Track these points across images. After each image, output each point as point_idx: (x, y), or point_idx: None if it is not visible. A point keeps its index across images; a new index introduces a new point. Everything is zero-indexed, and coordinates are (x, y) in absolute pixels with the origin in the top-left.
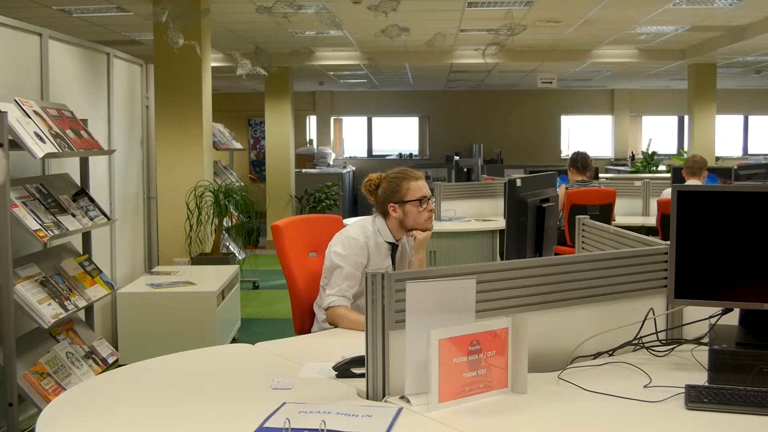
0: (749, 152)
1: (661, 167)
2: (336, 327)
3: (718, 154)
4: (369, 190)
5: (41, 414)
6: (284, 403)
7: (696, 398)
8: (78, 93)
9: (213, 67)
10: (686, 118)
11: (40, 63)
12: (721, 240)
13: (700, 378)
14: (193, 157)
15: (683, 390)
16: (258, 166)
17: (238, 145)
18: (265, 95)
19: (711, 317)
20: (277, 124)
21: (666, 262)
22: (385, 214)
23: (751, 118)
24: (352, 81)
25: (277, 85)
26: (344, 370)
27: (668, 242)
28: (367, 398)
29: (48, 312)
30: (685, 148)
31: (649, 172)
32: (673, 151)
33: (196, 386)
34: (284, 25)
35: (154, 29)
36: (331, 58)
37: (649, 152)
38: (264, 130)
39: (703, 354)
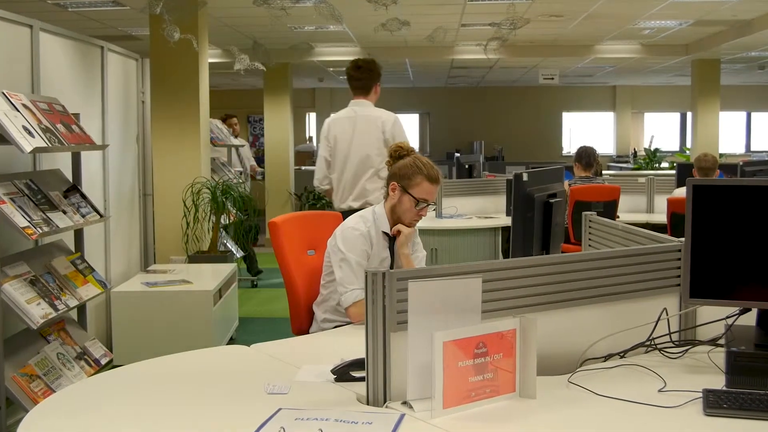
0: (752, 149)
1: (664, 164)
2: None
3: (721, 151)
4: (392, 155)
5: (25, 417)
6: (280, 409)
7: (715, 403)
8: (70, 87)
9: (211, 63)
10: (689, 114)
11: (31, 56)
12: (738, 236)
13: (717, 381)
14: (190, 154)
15: (701, 395)
16: (258, 163)
17: (236, 141)
18: (264, 92)
19: (728, 317)
20: (276, 121)
21: (679, 260)
22: (385, 195)
23: (753, 114)
24: None
25: (276, 81)
26: (343, 373)
27: (681, 239)
28: (368, 404)
29: (37, 312)
30: (688, 145)
31: (652, 169)
32: (676, 147)
33: (187, 390)
34: (282, 18)
35: (150, 23)
36: (330, 54)
37: (652, 149)
38: (263, 127)
39: (718, 356)
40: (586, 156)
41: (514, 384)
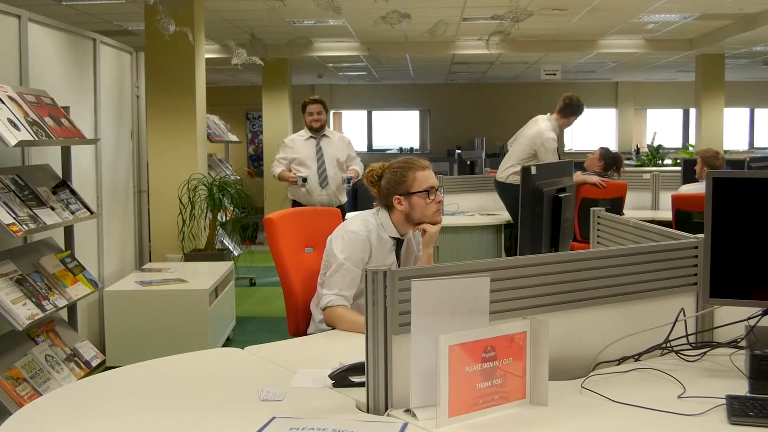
0: (755, 146)
1: (667, 161)
2: (334, 328)
3: (725, 147)
4: (371, 181)
5: (5, 422)
6: (274, 418)
7: (740, 411)
8: (61, 80)
9: (209, 59)
10: (692, 111)
11: (19, 47)
12: (761, 232)
13: (739, 386)
14: (187, 149)
15: (724, 401)
16: (257, 160)
17: (234, 137)
18: (262, 88)
19: (749, 318)
20: (275, 118)
21: (696, 257)
22: (389, 207)
23: (757, 111)
24: (351, 74)
25: (275, 77)
26: (342, 378)
27: (698, 236)
28: (368, 412)
29: (23, 312)
30: (691, 141)
31: (655, 165)
32: (678, 144)
33: (178, 396)
34: (279, 11)
35: (145, 16)
36: (330, 49)
37: (655, 146)
38: (262, 125)
39: (739, 359)
40: (613, 161)
41: (525, 390)
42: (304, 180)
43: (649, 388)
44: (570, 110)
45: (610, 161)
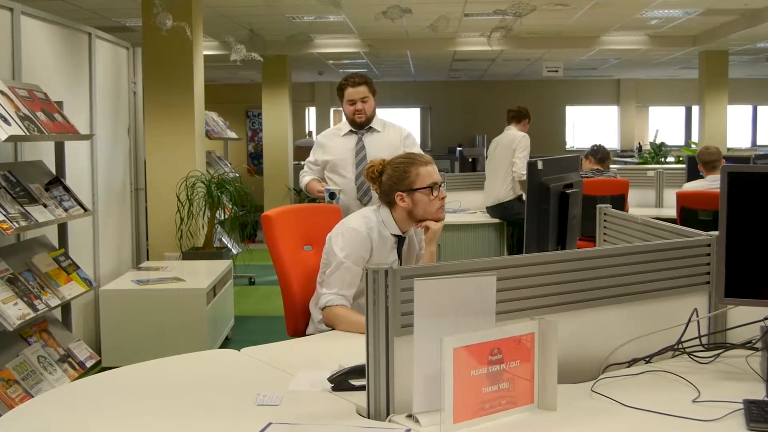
0: (758, 143)
1: (669, 158)
2: (334, 329)
3: (728, 145)
4: (372, 177)
5: None
6: (270, 424)
7: (759, 416)
8: (54, 74)
9: (208, 56)
10: (694, 108)
11: (12, 40)
12: None
13: (755, 390)
14: (185, 146)
15: (741, 406)
16: (257, 158)
17: (233, 134)
18: (262, 85)
19: (765, 319)
20: (275, 116)
21: (708, 255)
22: (390, 204)
23: (759, 108)
24: (352, 71)
25: (275, 74)
26: (341, 381)
27: (711, 233)
28: (368, 417)
29: (13, 312)
30: (694, 139)
31: (658, 163)
32: (680, 142)
33: (171, 400)
34: (278, 6)
35: (143, 11)
36: (330, 46)
37: (657, 143)
38: (261, 122)
39: (752, 361)
40: (602, 152)
41: (533, 394)
42: (332, 195)
43: (662, 392)
44: (520, 116)
45: (600, 153)
